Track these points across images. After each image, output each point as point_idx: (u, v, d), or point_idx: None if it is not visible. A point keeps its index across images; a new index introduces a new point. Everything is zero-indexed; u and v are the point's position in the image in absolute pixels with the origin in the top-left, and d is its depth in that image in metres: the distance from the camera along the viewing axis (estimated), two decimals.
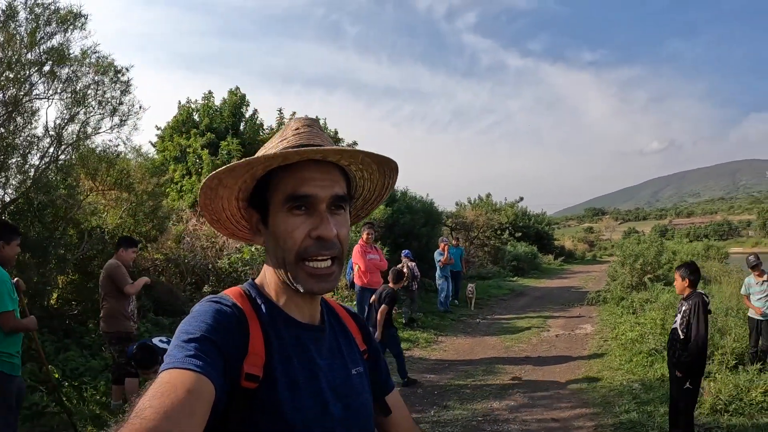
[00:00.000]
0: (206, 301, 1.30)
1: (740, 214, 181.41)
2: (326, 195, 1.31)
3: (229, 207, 1.41)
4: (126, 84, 10.01)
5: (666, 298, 12.90)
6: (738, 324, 9.99)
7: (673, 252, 26.46)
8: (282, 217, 1.31)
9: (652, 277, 18.83)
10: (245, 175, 1.31)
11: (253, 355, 1.23)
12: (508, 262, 30.42)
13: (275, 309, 1.36)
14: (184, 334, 1.16)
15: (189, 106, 20.67)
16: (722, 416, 6.78)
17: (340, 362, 1.45)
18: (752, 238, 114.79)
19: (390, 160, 1.44)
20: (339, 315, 1.60)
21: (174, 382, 1.02)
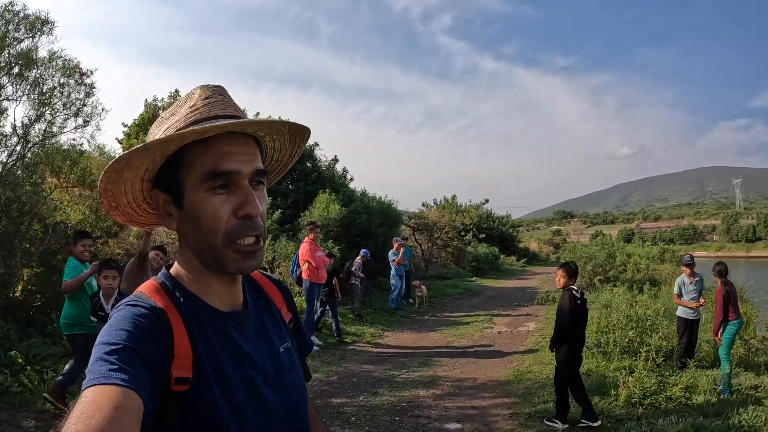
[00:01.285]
0: (124, 305, 1.21)
1: (706, 219, 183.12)
2: (249, 170, 1.24)
3: (131, 190, 1.31)
4: (90, 86, 10.43)
5: (606, 297, 13.46)
6: (667, 324, 10.48)
7: (628, 255, 27.26)
8: (201, 197, 1.22)
9: (603, 279, 19.54)
10: (156, 154, 1.22)
11: (180, 356, 1.17)
12: (469, 262, 30.99)
13: (195, 301, 1.28)
14: (105, 346, 1.08)
15: (155, 104, 20.90)
16: (636, 409, 7.25)
17: (267, 342, 1.39)
18: (717, 243, 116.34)
19: (305, 129, 1.41)
20: (262, 287, 1.54)
21: (99, 399, 0.96)
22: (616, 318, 10.41)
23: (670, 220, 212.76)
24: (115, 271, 6.28)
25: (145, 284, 1.31)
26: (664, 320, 10.55)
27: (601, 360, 9.75)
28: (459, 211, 36.47)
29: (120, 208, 1.35)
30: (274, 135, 1.40)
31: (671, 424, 6.59)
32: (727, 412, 6.93)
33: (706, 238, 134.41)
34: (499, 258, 36.62)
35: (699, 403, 7.43)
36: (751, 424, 6.61)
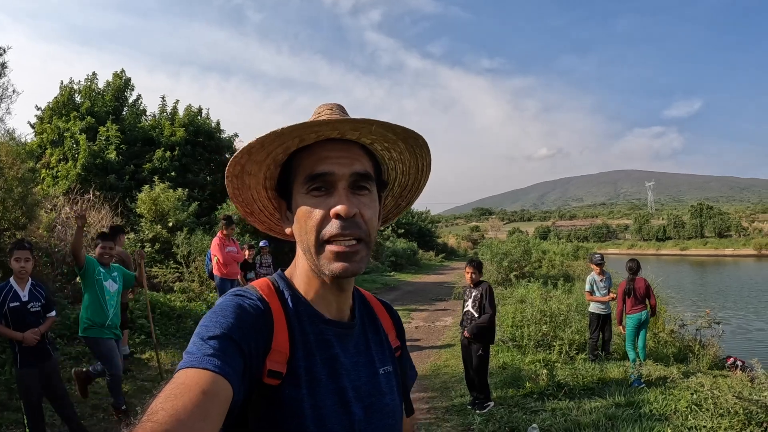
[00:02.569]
0: (231, 294, 1.25)
1: (619, 219, 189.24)
2: (345, 172, 1.25)
3: (259, 197, 1.38)
4: (2, 66, 9.82)
5: (521, 293, 13.68)
6: (578, 319, 10.87)
7: (544, 251, 27.89)
8: (302, 200, 1.26)
9: (518, 274, 19.90)
10: (267, 160, 1.28)
11: (276, 351, 1.19)
12: (387, 257, 31.19)
13: (301, 303, 1.31)
14: (204, 330, 1.11)
15: (71, 86, 20.10)
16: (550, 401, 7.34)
17: (367, 360, 1.38)
18: (628, 241, 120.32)
19: (414, 134, 1.34)
20: (374, 309, 1.54)
21: (189, 382, 0.98)
22: (531, 313, 10.65)
23: (585, 219, 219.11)
24: (27, 252, 5.59)
25: (258, 281, 1.34)
26: (576, 315, 10.79)
27: (516, 354, 9.92)
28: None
29: (255, 215, 1.44)
30: (384, 143, 1.36)
31: (585, 413, 6.75)
32: (638, 402, 7.19)
33: (619, 237, 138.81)
34: (417, 253, 36.94)
35: (611, 393, 7.63)
36: (661, 412, 6.85)
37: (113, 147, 18.31)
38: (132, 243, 13.36)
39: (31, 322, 5.48)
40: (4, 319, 5.36)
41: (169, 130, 19.94)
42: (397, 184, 1.51)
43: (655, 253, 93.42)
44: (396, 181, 1.50)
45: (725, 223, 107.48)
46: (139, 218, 15.76)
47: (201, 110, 21.51)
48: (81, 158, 17.73)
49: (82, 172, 17.63)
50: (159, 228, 14.77)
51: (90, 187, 16.05)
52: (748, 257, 72.47)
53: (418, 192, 1.55)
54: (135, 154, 18.90)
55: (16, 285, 5.50)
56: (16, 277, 5.52)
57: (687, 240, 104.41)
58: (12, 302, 5.41)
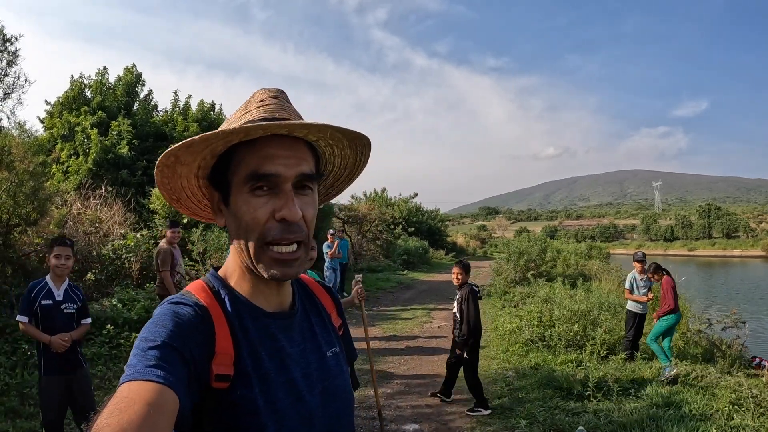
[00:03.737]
0: (167, 302, 1.22)
1: (626, 219, 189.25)
2: (292, 174, 1.22)
3: (189, 186, 1.34)
4: (14, 54, 9.61)
5: (544, 293, 13.52)
6: (608, 318, 10.66)
7: (558, 250, 27.71)
8: (243, 198, 1.23)
9: (535, 273, 19.69)
10: (204, 152, 1.23)
11: (220, 354, 1.18)
12: (399, 256, 30.99)
13: (239, 300, 1.29)
14: (144, 342, 1.09)
15: (81, 81, 19.85)
16: (590, 401, 7.23)
17: (313, 345, 1.39)
18: (635, 241, 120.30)
19: (361, 136, 1.35)
20: (313, 292, 1.54)
21: (133, 396, 0.96)
22: (561, 312, 10.41)
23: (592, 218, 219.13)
24: (69, 249, 5.22)
25: (192, 283, 1.33)
26: (606, 314, 10.61)
27: (547, 354, 9.71)
28: (389, 205, 36.51)
29: (182, 201, 1.40)
30: (329, 140, 1.35)
31: (627, 414, 6.63)
32: (677, 402, 7.10)
33: (626, 237, 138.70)
34: (428, 252, 36.77)
35: (648, 393, 7.53)
36: (702, 412, 6.75)
37: (125, 142, 18.05)
38: (145, 240, 13.10)
39: (62, 324, 5.08)
40: (34, 319, 4.99)
41: (182, 125, 19.64)
42: (332, 176, 1.51)
43: (663, 253, 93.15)
44: (332, 174, 1.50)
45: (733, 223, 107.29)
46: (153, 214, 15.45)
47: (214, 105, 21.20)
48: (92, 153, 17.49)
49: (93, 167, 17.41)
50: None
51: (102, 183, 15.89)
52: (756, 258, 72.27)
53: (349, 183, 1.57)
54: (147, 149, 18.63)
55: (52, 283, 5.14)
56: (53, 275, 5.16)
57: (695, 240, 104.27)
58: (44, 300, 5.04)
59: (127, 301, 10.28)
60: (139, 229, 14.47)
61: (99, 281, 11.62)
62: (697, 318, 12.28)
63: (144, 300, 10.25)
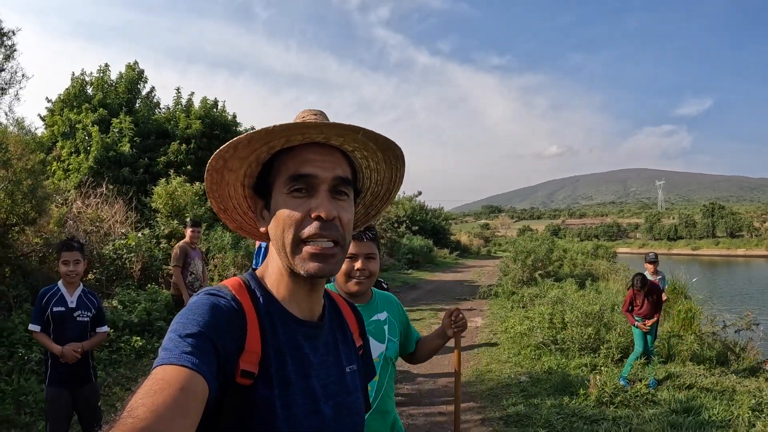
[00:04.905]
0: (204, 293, 1.25)
1: (629, 218, 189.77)
2: (328, 176, 1.28)
3: (235, 195, 1.38)
4: (11, 48, 9.38)
5: (554, 294, 13.30)
6: (623, 320, 10.44)
7: (564, 250, 27.55)
8: (283, 198, 1.28)
9: (543, 273, 19.49)
10: (250, 157, 1.29)
11: (249, 351, 1.20)
12: (404, 255, 30.89)
13: (273, 303, 1.32)
14: (181, 327, 1.12)
15: (83, 78, 19.74)
16: (608, 408, 7.05)
17: (335, 359, 1.41)
18: (639, 240, 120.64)
19: (394, 146, 1.39)
20: (340, 309, 1.57)
21: (168, 378, 0.99)
22: (573, 315, 10.18)
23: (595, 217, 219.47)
24: (77, 253, 4.86)
25: (230, 280, 1.34)
26: (620, 316, 10.43)
27: (560, 357, 9.47)
28: (393, 203, 36.33)
29: (228, 212, 1.43)
30: (364, 152, 1.39)
31: (646, 422, 6.45)
32: (695, 408, 6.96)
33: (630, 236, 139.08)
34: (433, 250, 36.69)
35: (665, 399, 7.40)
36: (722, 417, 6.64)
37: (127, 139, 17.91)
38: (147, 239, 12.92)
39: (75, 333, 4.78)
40: (46, 327, 4.71)
41: (184, 122, 19.50)
42: (370, 193, 1.54)
43: (667, 252, 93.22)
44: (369, 190, 1.53)
45: (737, 223, 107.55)
46: (155, 213, 15.34)
47: (217, 102, 21.04)
48: (93, 151, 17.35)
49: (94, 165, 17.26)
50: (176, 223, 14.30)
51: (103, 181, 15.74)
52: (760, 257, 72.37)
53: (388, 202, 1.58)
54: (149, 147, 18.52)
55: (64, 289, 4.84)
56: (64, 282, 4.86)
57: (698, 240, 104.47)
58: (56, 306, 4.74)
59: (128, 302, 10.10)
60: (141, 228, 14.38)
61: (99, 282, 11.48)
62: (710, 320, 12.06)
63: (145, 302, 10.04)
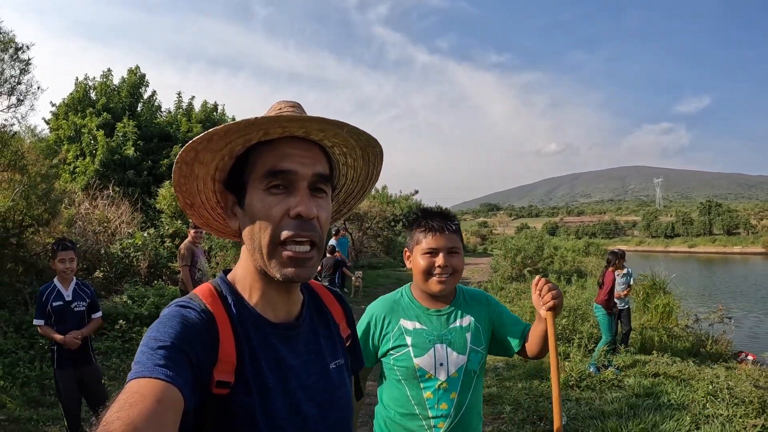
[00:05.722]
0: (175, 305, 1.24)
1: (627, 216, 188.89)
2: (308, 172, 1.24)
3: (204, 189, 1.34)
4: (26, 63, 9.95)
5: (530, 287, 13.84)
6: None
7: (555, 247, 28.08)
8: (259, 196, 1.23)
9: (532, 270, 20.10)
10: (223, 150, 1.24)
11: (223, 361, 1.19)
12: (399, 252, 30.93)
13: (245, 308, 1.29)
14: (152, 341, 1.11)
15: (86, 83, 20.30)
16: (573, 390, 7.61)
17: (317, 357, 1.39)
18: (636, 238, 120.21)
19: (375, 142, 1.38)
20: (323, 301, 1.54)
21: (142, 391, 0.98)
22: None
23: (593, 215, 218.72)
24: (71, 252, 5.43)
25: (201, 287, 1.32)
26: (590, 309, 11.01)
27: None
28: (389, 202, 36.73)
29: (195, 207, 1.38)
30: (343, 148, 1.38)
31: (608, 403, 6.98)
32: (656, 393, 7.48)
33: (627, 233, 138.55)
34: None
35: (630, 384, 7.94)
36: (679, 402, 7.10)
37: (131, 143, 18.50)
38: (152, 238, 13.53)
39: (74, 322, 5.37)
40: (48, 320, 5.30)
41: (185, 126, 20.13)
42: (344, 191, 1.53)
43: (664, 249, 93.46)
44: (344, 188, 1.52)
45: (734, 220, 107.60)
46: (159, 213, 15.94)
47: (217, 106, 21.71)
48: (99, 154, 17.96)
49: (100, 167, 17.88)
50: (179, 223, 14.96)
51: (109, 183, 16.33)
52: (756, 255, 72.45)
53: (360, 200, 1.58)
54: (152, 149, 19.11)
55: (60, 285, 5.40)
56: (59, 278, 5.41)
57: (695, 237, 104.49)
58: (55, 301, 5.31)
59: (137, 297, 10.65)
60: (146, 228, 14.96)
61: (108, 279, 11.96)
62: (686, 314, 12.65)
63: (153, 296, 10.63)
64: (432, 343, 2.40)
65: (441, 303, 2.51)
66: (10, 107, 9.98)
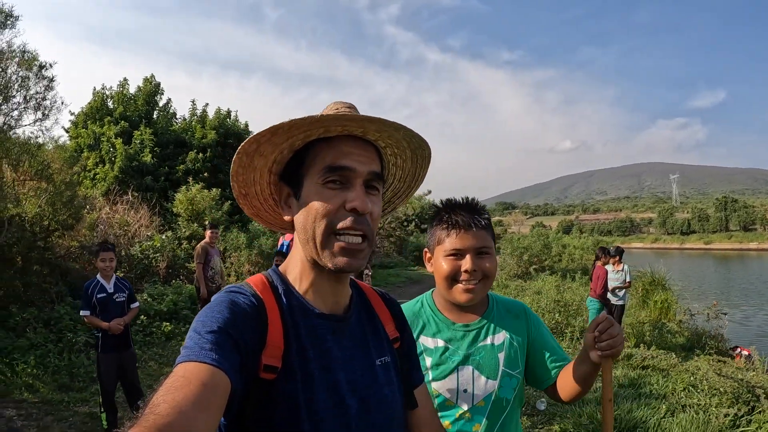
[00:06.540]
0: (225, 291, 1.26)
1: (643, 213, 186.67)
2: (364, 170, 1.28)
3: (260, 180, 1.37)
4: (50, 80, 10.51)
5: (538, 285, 14.24)
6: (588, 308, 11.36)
7: (564, 245, 28.35)
8: (316, 189, 1.27)
9: (538, 268, 20.52)
10: (283, 144, 1.28)
11: (271, 346, 1.20)
12: (411, 252, 31.98)
13: (294, 297, 1.32)
14: (201, 326, 1.13)
15: (103, 92, 20.92)
16: None
17: (363, 352, 1.38)
18: (652, 235, 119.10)
19: (425, 145, 1.42)
20: (369, 300, 1.53)
21: (189, 375, 0.99)
22: (545, 302, 11.29)
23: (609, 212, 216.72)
24: (111, 253, 6.36)
25: (253, 277, 1.35)
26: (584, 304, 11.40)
27: None
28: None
29: (248, 198, 1.41)
30: (395, 149, 1.42)
31: (591, 392, 7.37)
32: (639, 383, 7.83)
33: (643, 231, 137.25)
34: None
35: (616, 375, 8.27)
36: (660, 392, 7.43)
37: (148, 150, 19.13)
38: (170, 240, 14.15)
39: (116, 311, 6.14)
40: (93, 310, 6.05)
41: (200, 132, 20.76)
42: (391, 190, 1.54)
43: (679, 246, 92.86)
44: (391, 187, 1.54)
45: (750, 216, 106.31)
46: (176, 217, 16.64)
47: (230, 113, 22.31)
48: (118, 161, 18.61)
49: (119, 174, 18.53)
50: (195, 226, 15.61)
51: (128, 189, 16.97)
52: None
53: (406, 200, 1.60)
54: (168, 156, 19.77)
55: (103, 280, 6.20)
56: (102, 274, 6.24)
57: (711, 234, 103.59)
58: (99, 294, 6.09)
59: (156, 295, 11.29)
60: (164, 230, 15.60)
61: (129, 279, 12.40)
62: (683, 310, 13.03)
63: (171, 294, 11.30)
64: (455, 364, 2.03)
65: (470, 315, 2.12)
66: (36, 121, 10.62)
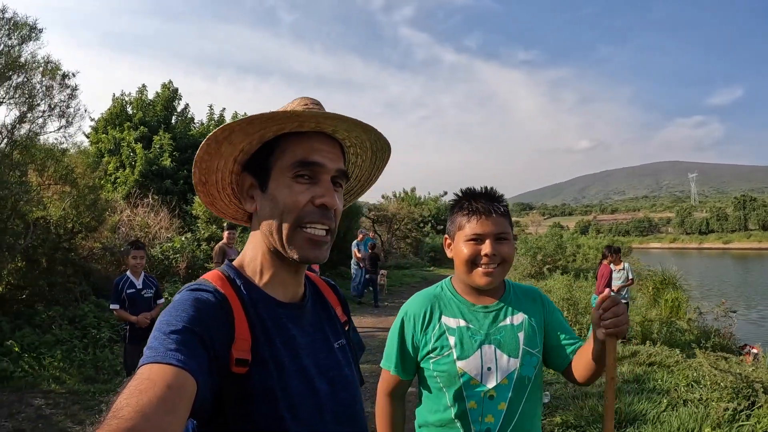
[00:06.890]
0: (186, 289, 1.25)
1: (662, 212, 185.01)
2: (333, 167, 1.31)
3: (223, 168, 1.36)
4: (73, 89, 10.85)
5: (549, 284, 14.51)
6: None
7: (578, 245, 28.48)
8: (285, 182, 1.28)
9: (551, 267, 20.73)
10: (255, 134, 1.28)
11: (240, 339, 1.19)
12: (426, 253, 32.42)
13: (254, 290, 1.32)
14: (165, 326, 1.11)
15: (123, 98, 21.38)
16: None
17: (322, 336, 1.41)
18: (671, 235, 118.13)
19: (388, 148, 1.47)
20: (319, 288, 1.57)
21: (153, 377, 0.98)
22: (555, 300, 11.39)
23: (627, 212, 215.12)
24: (142, 251, 6.89)
25: (209, 273, 1.34)
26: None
27: None
28: (418, 204, 37.07)
29: (207, 185, 1.40)
30: (358, 149, 1.47)
31: (593, 386, 7.59)
32: (643, 379, 7.99)
33: (661, 231, 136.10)
34: None
35: (622, 371, 8.42)
36: (663, 387, 7.61)
37: (167, 154, 19.54)
38: (190, 242, 14.54)
39: (144, 306, 6.61)
40: (122, 305, 6.51)
41: None
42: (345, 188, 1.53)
43: (698, 246, 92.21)
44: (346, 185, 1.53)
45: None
46: (195, 219, 17.03)
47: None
48: (138, 165, 19.07)
49: (139, 178, 18.99)
50: (214, 228, 15.93)
51: (148, 192, 17.39)
52: None
53: (356, 198, 1.67)
54: (186, 159, 20.05)
55: (132, 277, 6.67)
56: (132, 272, 6.71)
57: (730, 233, 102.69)
58: (129, 289, 6.56)
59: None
60: (184, 232, 16.04)
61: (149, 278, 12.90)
62: (692, 308, 13.15)
63: None
64: (479, 343, 2.10)
65: (488, 298, 2.20)
66: (60, 128, 10.95)
